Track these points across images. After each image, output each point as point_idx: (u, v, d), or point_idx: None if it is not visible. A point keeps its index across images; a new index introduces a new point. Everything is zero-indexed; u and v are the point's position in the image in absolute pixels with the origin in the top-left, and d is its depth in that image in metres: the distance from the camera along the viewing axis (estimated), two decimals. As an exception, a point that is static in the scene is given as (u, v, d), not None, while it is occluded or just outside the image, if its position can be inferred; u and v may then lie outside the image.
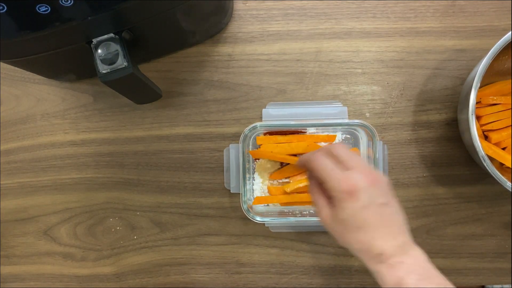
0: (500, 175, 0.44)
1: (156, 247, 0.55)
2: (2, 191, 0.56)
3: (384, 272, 0.36)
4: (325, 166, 0.38)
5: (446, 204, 0.53)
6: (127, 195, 0.55)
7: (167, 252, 0.55)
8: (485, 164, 0.43)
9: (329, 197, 0.39)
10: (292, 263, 0.54)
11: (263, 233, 0.54)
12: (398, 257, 0.36)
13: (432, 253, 0.51)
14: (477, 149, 0.43)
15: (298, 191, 0.51)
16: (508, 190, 0.44)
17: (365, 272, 0.54)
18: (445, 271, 0.36)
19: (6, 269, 0.56)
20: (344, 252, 0.54)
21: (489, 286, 0.53)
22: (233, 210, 0.54)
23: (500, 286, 0.54)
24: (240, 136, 0.49)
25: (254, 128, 0.49)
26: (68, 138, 0.55)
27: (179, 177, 0.54)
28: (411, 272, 0.35)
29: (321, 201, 0.39)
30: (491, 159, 0.46)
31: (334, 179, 0.37)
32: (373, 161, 0.49)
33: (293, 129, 0.51)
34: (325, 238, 0.54)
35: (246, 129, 0.49)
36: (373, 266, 0.37)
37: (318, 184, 0.40)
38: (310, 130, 0.52)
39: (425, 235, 0.53)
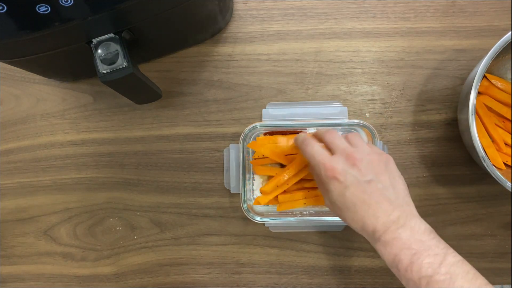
0: (500, 175, 0.44)
1: (156, 247, 0.55)
2: (2, 191, 0.56)
3: (382, 250, 0.36)
4: (312, 153, 0.41)
5: (446, 204, 0.53)
6: (127, 195, 0.55)
7: (167, 252, 0.55)
8: (485, 164, 0.43)
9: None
10: (292, 263, 0.54)
11: (263, 233, 0.54)
12: (393, 233, 0.35)
13: (432, 253, 0.51)
14: (477, 149, 0.43)
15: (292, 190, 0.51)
16: (508, 190, 0.44)
17: (365, 272, 0.54)
18: (445, 271, 0.36)
19: (6, 269, 0.56)
20: (344, 252, 0.54)
21: (489, 286, 0.53)
22: (233, 210, 0.54)
23: (500, 286, 0.54)
24: (240, 136, 0.49)
25: (254, 128, 0.49)
26: (68, 138, 0.55)
27: (179, 177, 0.54)
28: (405, 248, 0.34)
29: (321, 186, 0.41)
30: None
31: (318, 164, 0.39)
32: None
33: (293, 129, 0.51)
34: (325, 238, 0.54)
35: (246, 129, 0.49)
36: (373, 245, 0.37)
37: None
38: (310, 130, 0.52)
39: (425, 235, 0.53)
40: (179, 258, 0.55)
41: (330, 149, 0.41)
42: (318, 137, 0.44)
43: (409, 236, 0.35)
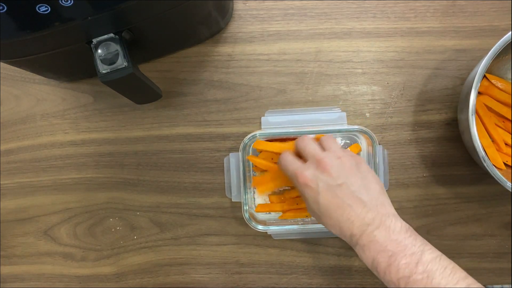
0: (500, 175, 0.44)
1: (156, 247, 0.55)
2: (2, 191, 0.56)
3: (360, 254, 0.36)
4: (285, 165, 0.41)
5: (446, 204, 0.53)
6: (127, 195, 0.55)
7: (167, 252, 0.55)
8: (485, 164, 0.43)
9: None
10: (292, 263, 0.54)
11: (263, 233, 0.54)
12: (368, 236, 0.35)
13: (432, 253, 0.51)
14: (477, 149, 0.43)
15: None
16: (508, 190, 0.44)
17: (365, 272, 0.54)
18: (445, 271, 0.36)
19: (6, 269, 0.56)
20: (344, 252, 0.54)
21: (489, 286, 0.53)
22: (233, 210, 0.54)
23: (500, 286, 0.54)
24: (240, 135, 0.49)
25: (254, 137, 0.49)
26: (68, 138, 0.55)
27: (179, 177, 0.54)
28: (381, 251, 0.34)
29: (301, 196, 0.42)
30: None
31: (292, 175, 0.40)
32: (373, 165, 0.49)
33: (292, 136, 0.51)
34: (325, 239, 0.54)
35: (246, 138, 0.49)
36: (353, 248, 0.37)
37: None
38: (309, 137, 0.51)
39: (425, 235, 0.53)
40: (179, 258, 0.55)
41: (303, 157, 0.42)
42: (291, 149, 0.45)
43: (385, 237, 0.35)
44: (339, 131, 0.49)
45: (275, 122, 0.52)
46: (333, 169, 0.38)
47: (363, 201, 0.37)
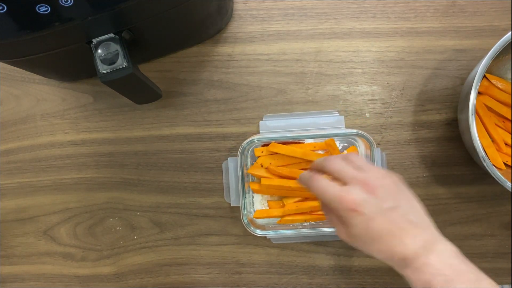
0: (500, 175, 0.44)
1: (156, 247, 0.55)
2: (2, 191, 0.56)
3: (411, 276, 0.35)
4: (322, 189, 0.37)
5: (446, 204, 0.53)
6: (127, 195, 0.55)
7: (167, 252, 0.55)
8: (485, 164, 0.43)
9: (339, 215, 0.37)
10: (292, 263, 0.54)
11: (263, 233, 0.54)
12: (422, 258, 0.34)
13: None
14: (477, 149, 0.43)
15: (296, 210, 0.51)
16: (508, 190, 0.44)
17: (365, 272, 0.54)
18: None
19: (6, 269, 0.56)
20: (344, 252, 0.54)
21: (489, 286, 0.53)
22: (233, 210, 0.54)
23: (500, 286, 0.54)
24: (240, 136, 0.49)
25: (252, 141, 0.49)
26: (68, 138, 0.55)
27: (179, 177, 0.54)
28: (437, 274, 0.33)
29: (334, 220, 0.38)
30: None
31: (333, 199, 0.36)
32: None
33: (290, 140, 0.50)
34: (325, 238, 0.54)
35: (244, 143, 0.49)
36: (401, 271, 0.36)
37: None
38: (308, 141, 0.51)
39: (425, 235, 0.53)
40: (179, 258, 0.55)
41: (338, 179, 0.38)
42: (319, 169, 0.41)
43: (439, 261, 0.34)
44: (337, 135, 0.49)
45: (273, 126, 0.52)
46: (380, 191, 0.36)
47: (414, 223, 0.36)
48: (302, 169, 0.50)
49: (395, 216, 0.35)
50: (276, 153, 0.50)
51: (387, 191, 0.36)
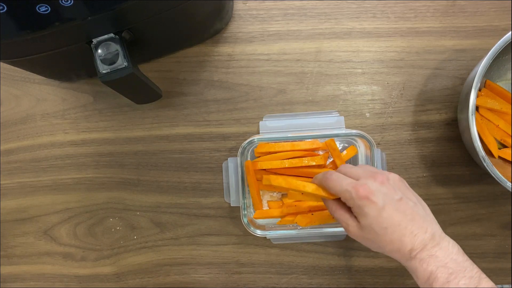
0: (500, 175, 0.44)
1: (156, 247, 0.55)
2: (2, 191, 0.56)
3: (417, 267, 0.36)
4: (337, 179, 0.39)
5: (446, 204, 0.53)
6: (127, 195, 0.55)
7: (167, 252, 0.55)
8: (485, 164, 0.43)
9: (350, 211, 0.39)
10: (292, 263, 0.54)
11: (263, 233, 0.54)
12: (429, 250, 0.36)
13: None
14: (477, 149, 0.43)
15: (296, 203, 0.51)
16: (508, 190, 0.44)
17: (365, 272, 0.54)
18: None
19: (6, 269, 0.56)
20: (344, 252, 0.54)
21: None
22: (233, 210, 0.54)
23: (500, 286, 0.54)
24: (240, 136, 0.49)
25: (252, 142, 0.49)
26: (68, 138, 0.55)
27: (179, 177, 0.54)
28: (442, 266, 0.35)
29: (344, 215, 0.39)
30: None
31: (348, 189, 0.37)
32: None
33: (290, 141, 0.50)
34: (325, 238, 0.54)
35: (244, 143, 0.49)
36: (407, 264, 0.37)
37: (337, 201, 0.40)
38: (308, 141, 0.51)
39: (425, 235, 0.53)
40: (179, 258, 0.55)
41: (352, 178, 0.40)
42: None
43: (445, 255, 0.35)
44: (337, 135, 0.49)
45: (273, 126, 0.52)
46: (389, 183, 0.38)
47: (422, 216, 0.37)
48: (291, 158, 0.50)
49: (404, 208, 0.37)
50: (276, 152, 0.50)
51: (396, 184, 0.38)
